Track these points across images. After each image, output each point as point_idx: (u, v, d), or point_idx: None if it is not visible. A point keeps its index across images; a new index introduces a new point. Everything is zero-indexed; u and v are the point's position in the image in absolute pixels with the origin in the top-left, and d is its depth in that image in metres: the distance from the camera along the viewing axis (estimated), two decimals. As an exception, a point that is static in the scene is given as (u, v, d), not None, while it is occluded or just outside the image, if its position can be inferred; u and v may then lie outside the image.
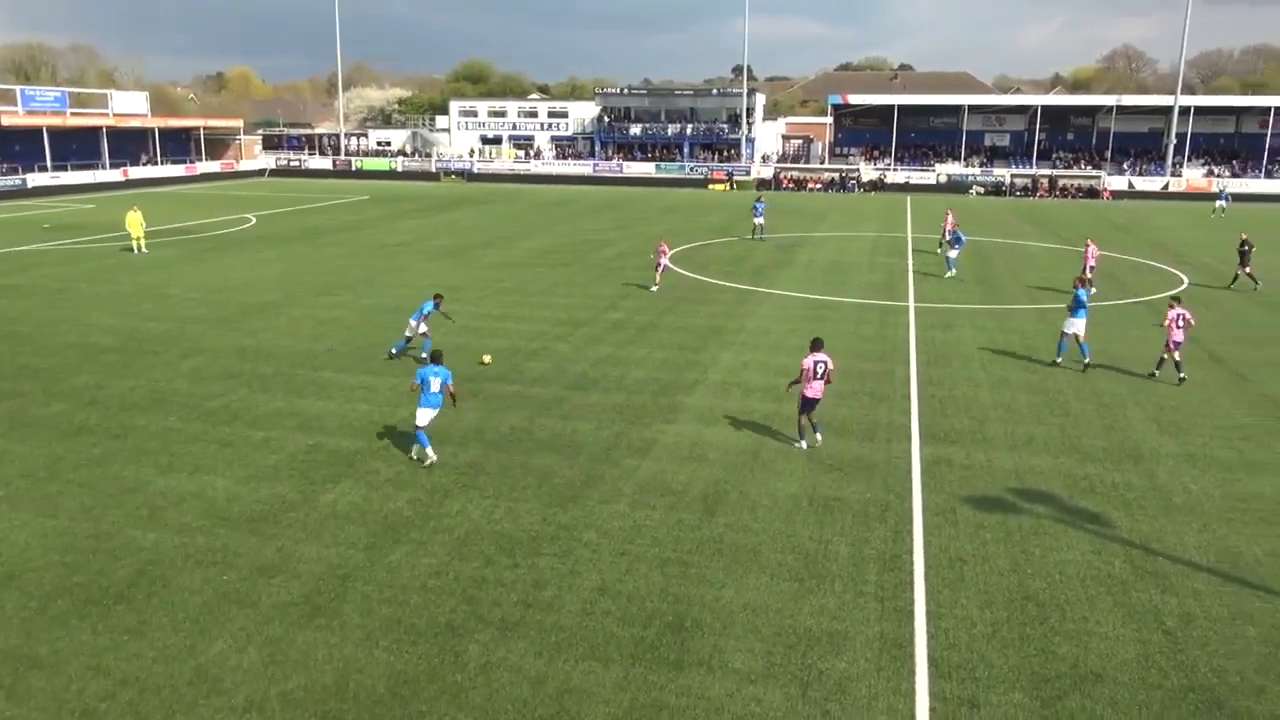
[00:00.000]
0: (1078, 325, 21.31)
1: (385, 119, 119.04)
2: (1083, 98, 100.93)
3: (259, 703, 8.92)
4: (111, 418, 17.07)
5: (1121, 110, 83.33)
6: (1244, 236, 33.56)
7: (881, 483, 14.42)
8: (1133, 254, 41.46)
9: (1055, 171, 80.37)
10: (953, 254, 34.24)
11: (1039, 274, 35.27)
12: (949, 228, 36.23)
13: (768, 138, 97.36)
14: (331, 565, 11.57)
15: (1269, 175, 79.27)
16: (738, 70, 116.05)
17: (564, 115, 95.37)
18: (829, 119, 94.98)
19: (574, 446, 15.82)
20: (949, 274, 33.66)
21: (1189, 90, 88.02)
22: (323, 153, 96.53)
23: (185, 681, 9.22)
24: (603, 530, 12.64)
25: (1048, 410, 18.23)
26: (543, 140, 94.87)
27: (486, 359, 20.91)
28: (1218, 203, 63.67)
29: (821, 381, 15.49)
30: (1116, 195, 76.39)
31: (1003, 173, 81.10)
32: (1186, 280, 34.07)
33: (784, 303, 28.90)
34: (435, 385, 14.83)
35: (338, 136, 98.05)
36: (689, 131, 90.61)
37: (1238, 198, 70.62)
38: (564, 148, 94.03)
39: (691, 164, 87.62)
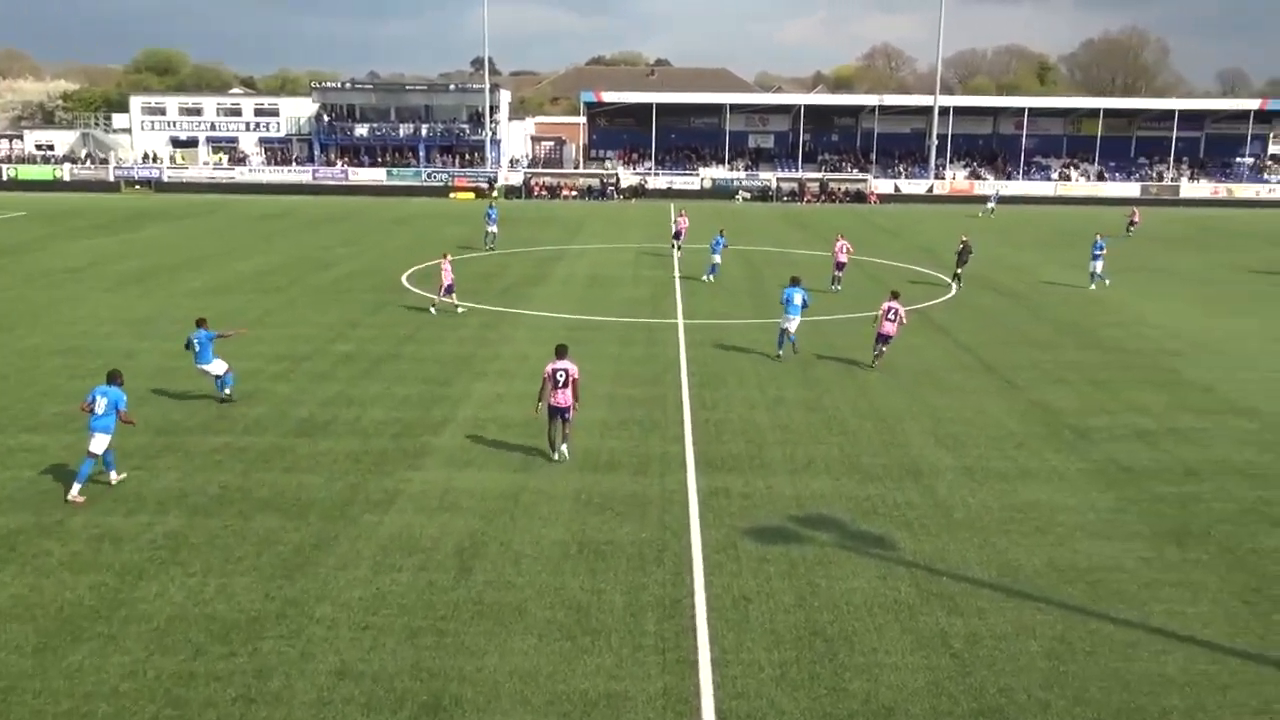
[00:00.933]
0: (792, 322, 24.85)
1: (46, 117, 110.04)
2: (845, 97, 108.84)
3: None
4: None
5: (884, 110, 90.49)
6: (964, 239, 38.60)
7: (657, 520, 14.76)
8: (902, 260, 44.97)
9: (823, 175, 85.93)
10: (716, 258, 37.93)
11: (810, 283, 37.44)
12: (682, 228, 43.26)
13: (515, 139, 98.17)
14: (-11, 676, 10.43)
15: (1026, 176, 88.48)
16: (478, 63, 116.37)
17: (274, 113, 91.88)
18: (582, 119, 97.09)
19: (301, 504, 15.16)
20: (708, 278, 37.45)
21: (947, 90, 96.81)
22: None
23: None
24: (339, 602, 12.16)
25: (826, 429, 19.36)
26: (249, 143, 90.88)
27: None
28: (988, 204, 70.70)
29: (568, 390, 16.62)
30: (883, 199, 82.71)
31: (769, 176, 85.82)
32: (954, 288, 37.27)
33: (541, 324, 29.12)
34: (101, 406, 15.00)
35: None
36: (425, 132, 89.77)
37: (1004, 199, 78.29)
38: (276, 151, 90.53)
39: (429, 169, 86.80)
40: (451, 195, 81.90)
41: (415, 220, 61.78)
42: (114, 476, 15.78)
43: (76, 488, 15.17)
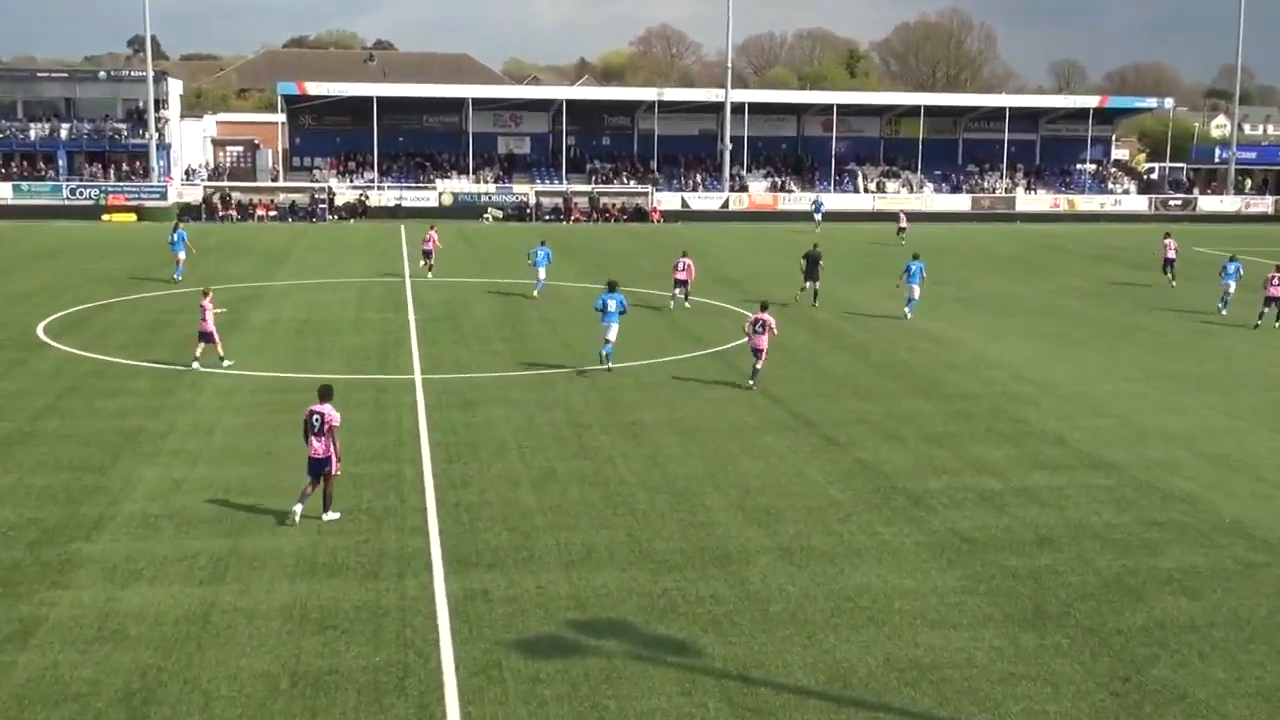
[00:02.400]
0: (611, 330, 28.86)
1: None
2: (617, 90, 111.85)
3: None
4: None
5: (665, 107, 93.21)
6: (815, 245, 41.25)
7: (395, 638, 14.45)
8: (697, 292, 46.16)
9: (594, 188, 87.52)
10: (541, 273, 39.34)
11: (580, 325, 37.94)
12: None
13: (191, 143, 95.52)
14: None
15: (839, 187, 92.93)
16: (137, 43, 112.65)
17: None
18: (281, 116, 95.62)
19: (-104, 646, 14.03)
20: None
21: (741, 82, 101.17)
22: None
23: None
24: (-45, 778, 11.28)
25: (609, 508, 19.55)
26: None
27: None
28: (815, 215, 73.32)
29: (323, 439, 17.97)
30: (669, 217, 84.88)
31: (525, 190, 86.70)
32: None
33: (235, 385, 28.25)
34: None
35: None
36: (65, 134, 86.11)
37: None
38: None
39: (74, 183, 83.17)
40: (105, 217, 78.58)
41: (57, 252, 58.95)
42: None
43: None
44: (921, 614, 15.52)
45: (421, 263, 47.35)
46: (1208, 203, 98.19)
